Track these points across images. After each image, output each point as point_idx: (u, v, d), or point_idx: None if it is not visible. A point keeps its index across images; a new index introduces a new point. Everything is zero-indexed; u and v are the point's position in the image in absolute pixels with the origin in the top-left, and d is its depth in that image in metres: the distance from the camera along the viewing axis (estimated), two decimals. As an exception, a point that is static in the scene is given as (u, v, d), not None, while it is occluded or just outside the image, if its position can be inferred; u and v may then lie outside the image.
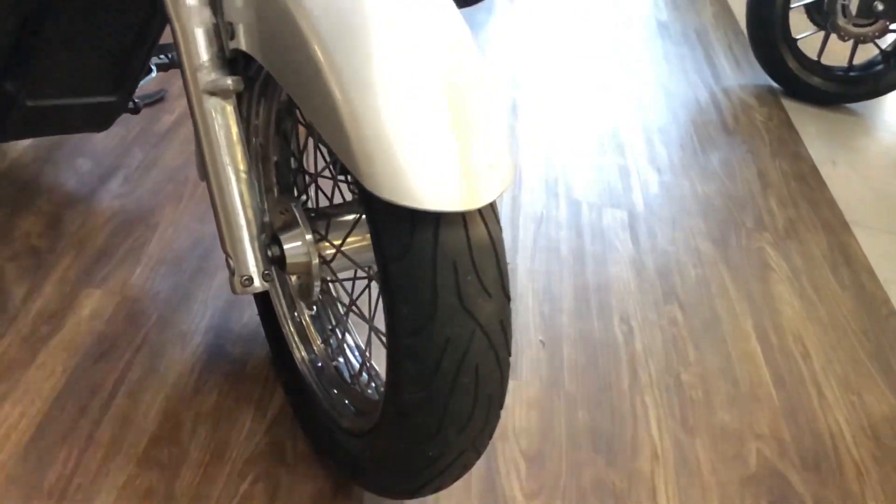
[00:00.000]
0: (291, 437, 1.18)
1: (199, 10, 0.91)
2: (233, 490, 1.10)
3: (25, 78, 1.14)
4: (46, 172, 1.54)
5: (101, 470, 1.08)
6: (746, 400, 1.47)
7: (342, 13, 0.74)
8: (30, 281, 1.31)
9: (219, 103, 0.92)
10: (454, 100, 0.73)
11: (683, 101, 2.51)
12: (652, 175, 2.08)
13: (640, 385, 1.45)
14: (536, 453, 1.27)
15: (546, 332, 1.50)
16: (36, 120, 1.21)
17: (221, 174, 0.94)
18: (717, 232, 1.92)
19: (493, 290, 0.76)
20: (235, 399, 1.22)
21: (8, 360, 1.18)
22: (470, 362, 0.75)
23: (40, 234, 1.40)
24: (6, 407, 1.12)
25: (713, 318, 1.65)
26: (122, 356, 1.24)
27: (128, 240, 1.44)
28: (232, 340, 1.32)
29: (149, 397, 1.19)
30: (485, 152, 0.73)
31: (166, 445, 1.13)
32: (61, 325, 1.26)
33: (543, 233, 1.76)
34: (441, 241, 0.72)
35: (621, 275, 1.70)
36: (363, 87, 0.71)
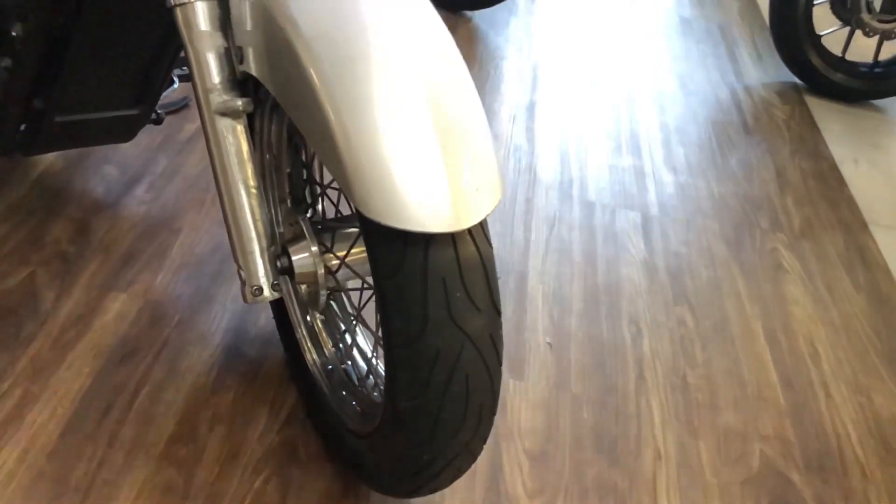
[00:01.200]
0: (304, 437, 1.24)
1: (212, 35, 0.96)
2: (246, 487, 1.16)
3: (53, 95, 1.21)
4: (76, 180, 1.61)
5: (124, 467, 1.14)
6: (752, 401, 1.49)
7: (339, 41, 0.78)
8: (59, 285, 1.38)
9: (230, 123, 0.98)
10: (444, 126, 0.77)
11: (703, 99, 2.51)
12: (668, 176, 2.09)
13: (645, 386, 1.47)
14: (540, 453, 1.31)
15: (554, 333, 1.54)
16: (64, 134, 1.28)
17: (233, 190, 0.99)
18: (731, 233, 1.93)
19: (483, 304, 0.80)
20: (251, 399, 1.28)
21: (39, 362, 1.25)
22: (460, 373, 0.80)
23: (70, 239, 1.47)
24: (37, 407, 1.19)
25: (722, 320, 1.67)
26: (144, 357, 1.30)
27: (152, 245, 1.51)
28: (249, 342, 1.37)
29: (169, 397, 1.25)
30: (472, 176, 0.76)
31: (185, 444, 1.19)
32: (88, 327, 1.33)
33: (556, 235, 1.79)
34: (431, 260, 0.76)
35: (632, 277, 1.72)
36: (357, 114, 0.75)
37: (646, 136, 2.23)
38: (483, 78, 2.31)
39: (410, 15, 0.82)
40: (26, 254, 1.42)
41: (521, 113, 2.20)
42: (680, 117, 2.37)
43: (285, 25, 0.80)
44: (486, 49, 2.46)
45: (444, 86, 0.79)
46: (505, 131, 2.11)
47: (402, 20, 0.82)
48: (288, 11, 0.81)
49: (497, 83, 2.30)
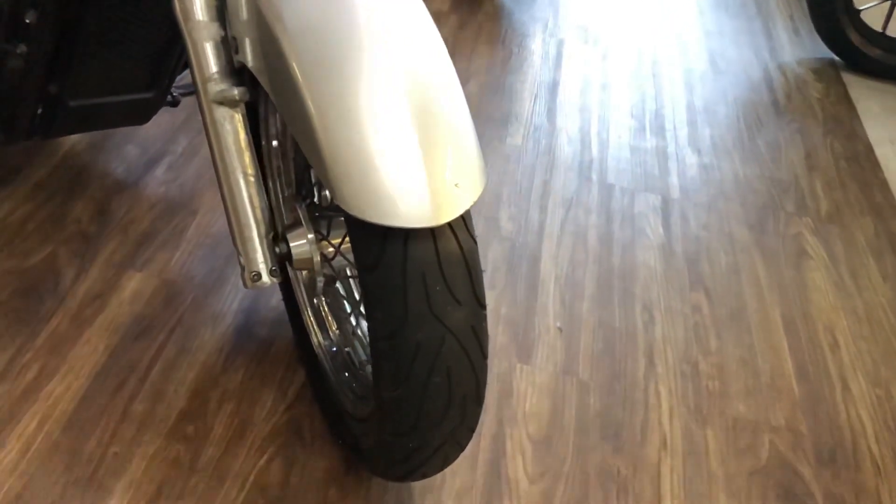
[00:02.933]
0: (309, 417, 1.26)
1: (208, 25, 0.97)
2: (251, 464, 1.19)
3: (67, 80, 1.24)
4: (99, 160, 1.65)
5: (134, 441, 1.19)
6: (765, 391, 1.47)
7: (322, 35, 0.79)
8: (79, 263, 1.43)
9: (227, 112, 0.99)
10: (425, 121, 0.77)
11: (734, 77, 2.45)
12: (691, 157, 2.05)
13: (655, 373, 1.47)
14: (543, 438, 1.32)
15: (565, 318, 1.53)
16: (79, 118, 1.31)
17: (231, 178, 1.01)
18: (753, 217, 1.89)
19: (464, 298, 0.80)
20: (260, 378, 1.31)
21: (57, 338, 1.30)
22: (441, 365, 0.80)
23: (90, 219, 1.52)
24: (55, 380, 1.24)
25: (739, 307, 1.64)
26: (158, 335, 1.34)
27: (169, 225, 1.54)
28: (260, 323, 1.40)
29: (180, 375, 1.29)
30: (452, 171, 0.76)
31: (193, 420, 1.23)
32: (105, 305, 1.37)
33: (572, 218, 1.78)
34: (410, 254, 0.76)
35: (648, 262, 1.71)
36: (337, 109, 0.76)
37: (671, 117, 2.19)
38: (506, 56, 2.29)
39: (397, 9, 0.82)
40: (49, 232, 1.47)
41: (543, 92, 2.18)
42: (708, 97, 2.32)
43: (271, 18, 0.81)
44: (510, 26, 2.43)
45: (427, 80, 0.79)
46: (525, 111, 2.09)
47: (389, 15, 0.81)
48: (275, 4, 0.81)
49: (520, 62, 2.28)
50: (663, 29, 2.65)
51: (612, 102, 2.20)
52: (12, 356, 1.26)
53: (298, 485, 1.17)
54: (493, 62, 2.25)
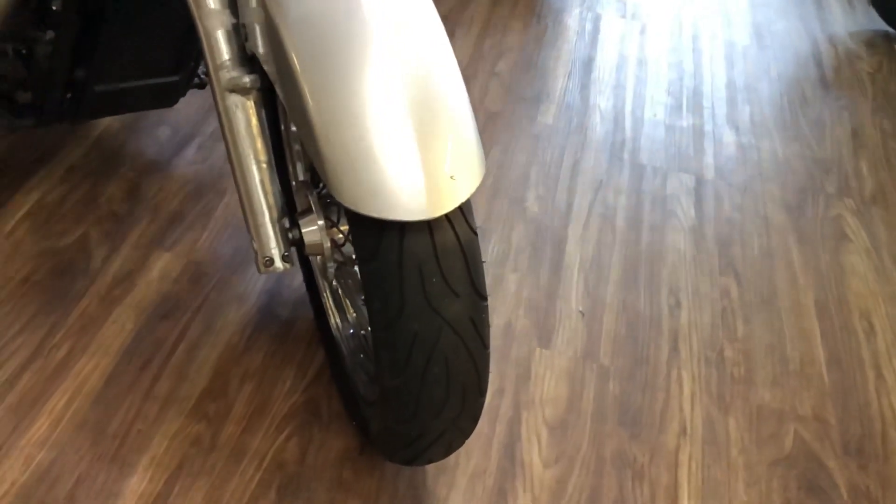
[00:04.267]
0: (327, 397, 1.29)
1: (220, 13, 0.97)
2: (269, 443, 1.22)
3: (93, 65, 1.26)
4: (131, 141, 1.69)
5: (157, 419, 1.22)
6: (793, 379, 1.44)
7: (321, 24, 0.78)
8: (110, 244, 1.47)
9: (239, 99, 1.00)
10: (422, 113, 0.76)
11: (780, 52, 2.36)
12: (729, 136, 2.00)
13: (678, 359, 1.44)
14: (560, 423, 1.31)
15: (588, 302, 1.52)
16: (106, 102, 1.34)
17: (244, 164, 1.02)
18: (791, 198, 1.83)
19: (461, 289, 0.80)
20: (280, 359, 1.34)
21: (87, 317, 1.35)
22: (439, 355, 0.81)
23: (122, 199, 1.56)
24: (83, 359, 1.29)
25: (771, 292, 1.60)
26: (183, 315, 1.38)
27: (198, 205, 1.57)
28: (282, 303, 1.43)
29: (204, 354, 1.32)
30: (448, 163, 0.76)
31: (215, 399, 1.26)
32: (134, 285, 1.41)
33: (601, 199, 1.75)
34: (406, 246, 0.76)
35: (677, 245, 1.67)
36: (333, 101, 0.76)
37: (709, 94, 2.12)
38: (540, 32, 2.25)
39: None
40: (82, 213, 1.51)
41: (577, 69, 2.14)
42: (750, 72, 2.24)
43: (272, 7, 0.81)
44: (545, 1, 2.38)
45: (427, 71, 0.78)
46: (558, 88, 2.05)
47: (391, 4, 0.80)
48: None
49: (554, 37, 2.23)
50: (707, 1, 2.56)
51: (649, 79, 2.14)
52: (45, 334, 1.31)
53: (314, 464, 1.20)
54: (526, 38, 2.21)
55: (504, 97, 1.98)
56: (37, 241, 1.45)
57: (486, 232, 1.62)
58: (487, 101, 1.96)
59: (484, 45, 2.15)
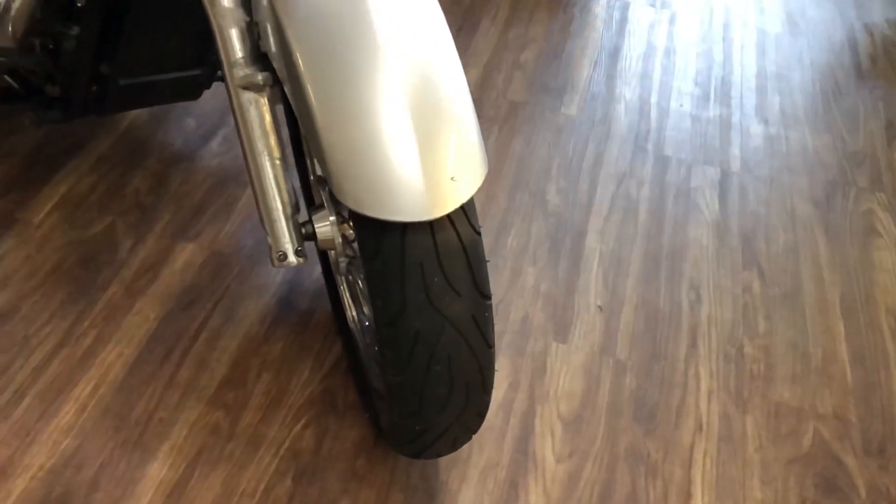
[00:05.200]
0: (343, 388, 1.31)
1: (234, 11, 0.99)
2: (286, 432, 1.24)
3: (116, 60, 1.29)
4: (158, 132, 1.72)
5: (178, 407, 1.26)
6: (814, 376, 1.42)
7: (324, 25, 0.79)
8: (135, 235, 1.50)
9: (253, 96, 1.01)
10: (424, 115, 0.76)
11: (813, 39, 2.30)
12: (757, 127, 1.96)
13: (697, 355, 1.43)
14: (574, 418, 1.32)
15: (607, 297, 1.51)
16: (130, 96, 1.37)
17: (258, 160, 1.04)
18: (820, 192, 1.80)
19: (463, 288, 0.80)
20: (298, 349, 1.36)
21: (112, 306, 1.38)
22: (441, 353, 0.81)
23: (148, 190, 1.59)
24: (108, 347, 1.32)
25: (794, 288, 1.57)
26: (205, 305, 1.40)
27: (221, 197, 1.60)
28: (301, 294, 1.45)
29: (224, 343, 1.35)
30: (448, 166, 0.76)
31: (234, 388, 1.29)
32: (158, 275, 1.44)
33: (623, 192, 1.74)
34: (407, 246, 0.77)
35: (700, 239, 1.65)
36: (335, 101, 0.76)
37: (738, 84, 2.09)
38: (566, 21, 2.23)
39: None
40: (108, 204, 1.55)
41: (603, 59, 2.11)
42: (782, 61, 2.19)
43: (279, 7, 0.82)
44: (573, -11, 2.36)
45: (429, 72, 0.79)
46: (583, 79, 2.03)
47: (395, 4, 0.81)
48: (284, -7, 0.82)
49: (581, 27, 2.21)
50: (739, -12, 2.51)
51: (676, 69, 2.11)
52: (72, 323, 1.35)
53: (329, 453, 1.22)
54: (552, 28, 2.19)
55: (527, 88, 1.97)
56: (65, 231, 1.49)
57: (506, 225, 1.62)
58: (510, 92, 1.95)
59: (509, 35, 2.14)
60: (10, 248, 1.45)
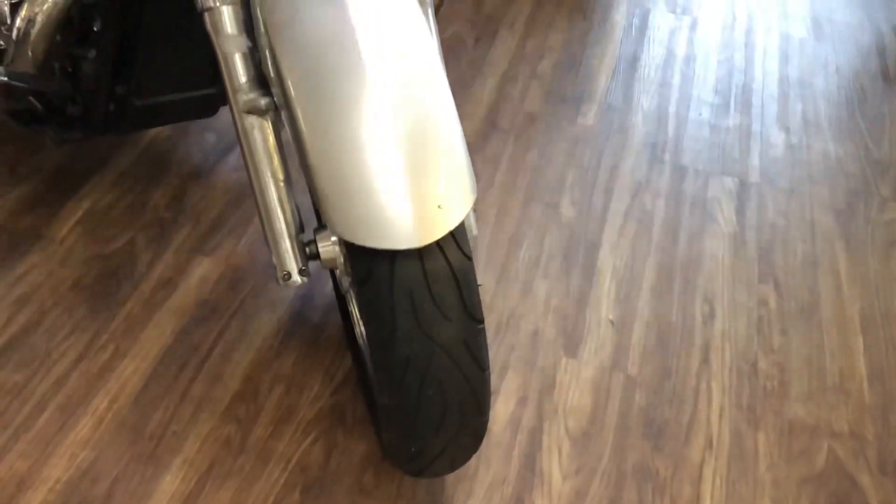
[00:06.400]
0: (352, 402, 1.32)
1: (237, 38, 1.01)
2: (295, 446, 1.26)
3: (132, 81, 1.33)
4: (179, 147, 1.76)
5: (191, 420, 1.29)
6: (830, 393, 1.40)
7: (315, 53, 0.80)
8: (154, 249, 1.54)
9: (256, 120, 1.03)
10: (412, 144, 0.77)
11: (839, 44, 2.26)
12: (778, 136, 1.93)
13: (709, 370, 1.42)
14: (582, 434, 1.31)
15: (618, 311, 1.51)
16: (147, 115, 1.40)
17: (262, 182, 1.05)
18: (842, 202, 1.76)
19: (453, 314, 0.81)
20: (310, 363, 1.38)
21: (130, 320, 1.42)
22: (433, 378, 0.82)
23: (167, 205, 1.63)
24: (125, 361, 1.36)
25: (812, 302, 1.55)
26: (220, 319, 1.43)
27: (238, 211, 1.63)
28: (314, 308, 1.47)
29: (237, 357, 1.38)
30: (435, 194, 0.77)
31: (246, 402, 1.31)
32: (174, 289, 1.47)
33: (638, 203, 1.73)
34: (397, 272, 0.78)
35: (715, 251, 1.64)
36: (324, 130, 0.78)
37: (759, 91, 2.06)
38: (585, 30, 2.22)
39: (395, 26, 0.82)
40: (130, 219, 1.59)
41: (621, 67, 2.10)
42: (805, 67, 2.15)
43: (273, 34, 0.83)
44: (593, -3, 2.35)
45: (418, 99, 0.80)
46: (600, 88, 2.02)
47: (386, 32, 0.82)
48: (278, 20, 0.84)
49: (600, 35, 2.20)
50: (763, -8, 2.47)
51: (696, 77, 2.09)
52: (92, 337, 1.39)
53: (337, 468, 1.24)
54: (571, 37, 2.18)
55: (544, 98, 1.97)
56: (87, 246, 1.53)
57: (518, 237, 1.63)
58: (527, 102, 1.95)
59: (526, 44, 2.14)
60: (34, 263, 1.49)
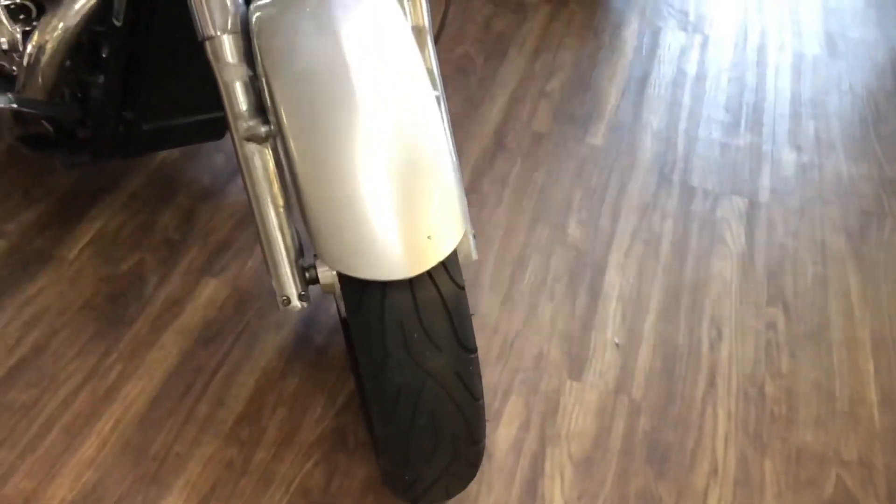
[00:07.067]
0: (354, 426, 1.32)
1: (237, 66, 1.02)
2: (297, 469, 1.27)
3: (139, 106, 1.35)
4: (189, 169, 1.78)
5: (195, 442, 1.29)
6: (839, 420, 1.37)
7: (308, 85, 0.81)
8: (162, 270, 1.55)
9: (256, 148, 1.04)
10: (402, 176, 0.78)
11: (854, 61, 2.23)
12: (789, 155, 1.91)
13: (715, 395, 1.40)
14: (585, 459, 1.30)
15: (624, 333, 1.50)
16: (155, 139, 1.42)
17: (262, 208, 1.06)
18: (854, 223, 1.74)
19: (444, 344, 0.81)
20: (313, 385, 1.38)
21: (138, 341, 1.43)
22: (424, 407, 0.82)
23: (176, 227, 1.64)
24: (132, 381, 1.37)
25: (822, 325, 1.53)
26: (225, 340, 1.44)
27: (245, 233, 1.64)
28: (318, 330, 1.47)
29: (242, 379, 1.39)
30: (425, 224, 0.77)
31: (249, 424, 1.32)
32: (182, 310, 1.49)
33: (646, 224, 1.72)
34: (388, 302, 0.79)
35: (724, 273, 1.62)
36: (315, 160, 0.79)
37: (771, 110, 2.04)
38: (596, 48, 2.21)
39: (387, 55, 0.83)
40: (139, 240, 1.61)
41: (632, 86, 2.10)
42: (819, 85, 2.14)
43: (266, 63, 0.84)
44: (604, 15, 2.34)
45: (410, 131, 0.80)
46: (609, 107, 2.02)
47: (377, 63, 0.82)
48: (268, 46, 0.85)
49: (610, 53, 2.20)
50: (776, 9, 2.46)
51: (707, 95, 2.08)
52: (100, 357, 1.41)
53: (338, 491, 1.24)
54: (580, 55, 2.18)
55: (552, 118, 1.97)
56: (97, 267, 1.55)
57: (524, 258, 1.62)
58: (535, 122, 1.95)
59: (536, 63, 2.14)
60: (45, 284, 1.52)
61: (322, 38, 0.84)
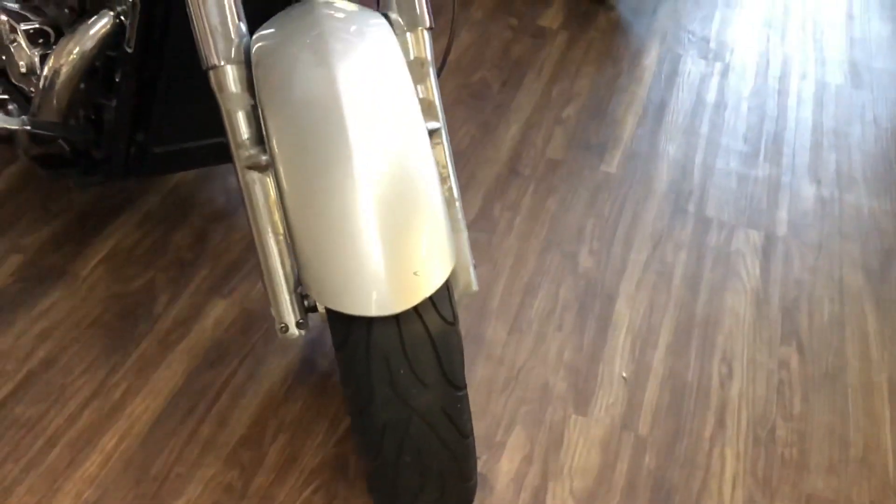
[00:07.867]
0: (355, 453, 1.31)
1: (240, 96, 1.03)
2: (296, 495, 1.26)
3: (150, 129, 1.37)
4: (204, 188, 1.80)
5: (196, 463, 1.29)
6: (853, 466, 1.34)
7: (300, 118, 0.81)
8: (173, 289, 1.57)
9: (257, 176, 1.05)
10: (390, 212, 0.78)
11: (878, 92, 2.20)
12: (808, 188, 1.88)
13: (724, 435, 1.37)
14: (588, 495, 1.28)
15: (632, 367, 1.47)
16: (165, 162, 1.44)
17: (262, 236, 1.07)
18: (873, 260, 1.70)
19: (431, 380, 0.80)
20: (315, 411, 1.38)
21: (145, 360, 1.44)
22: (410, 444, 0.81)
23: (188, 247, 1.66)
24: (137, 400, 1.38)
25: (838, 366, 1.49)
26: (231, 362, 1.45)
27: (255, 254, 1.63)
28: (323, 353, 1.47)
29: (245, 401, 1.39)
30: (411, 261, 0.77)
31: (250, 448, 1.32)
32: (189, 330, 1.49)
33: (658, 255, 1.70)
34: (373, 338, 0.78)
35: (737, 308, 1.59)
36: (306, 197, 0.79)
37: (791, 140, 2.01)
38: (614, 75, 2.20)
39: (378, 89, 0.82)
40: (152, 259, 1.63)
41: (649, 114, 2.08)
42: (841, 116, 2.10)
43: (261, 90, 0.85)
44: (624, 42, 2.33)
45: (399, 163, 0.80)
46: (626, 135, 2.00)
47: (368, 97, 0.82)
48: (266, 77, 0.85)
49: (628, 81, 2.18)
50: (799, 38, 2.43)
51: (726, 125, 2.06)
52: (106, 374, 1.42)
53: (336, 520, 1.23)
54: (598, 82, 2.17)
55: (567, 145, 1.96)
56: (109, 284, 1.57)
57: (533, 287, 1.61)
58: (549, 149, 1.94)
59: (553, 90, 2.13)
60: (57, 300, 1.53)
61: (317, 71, 0.84)
